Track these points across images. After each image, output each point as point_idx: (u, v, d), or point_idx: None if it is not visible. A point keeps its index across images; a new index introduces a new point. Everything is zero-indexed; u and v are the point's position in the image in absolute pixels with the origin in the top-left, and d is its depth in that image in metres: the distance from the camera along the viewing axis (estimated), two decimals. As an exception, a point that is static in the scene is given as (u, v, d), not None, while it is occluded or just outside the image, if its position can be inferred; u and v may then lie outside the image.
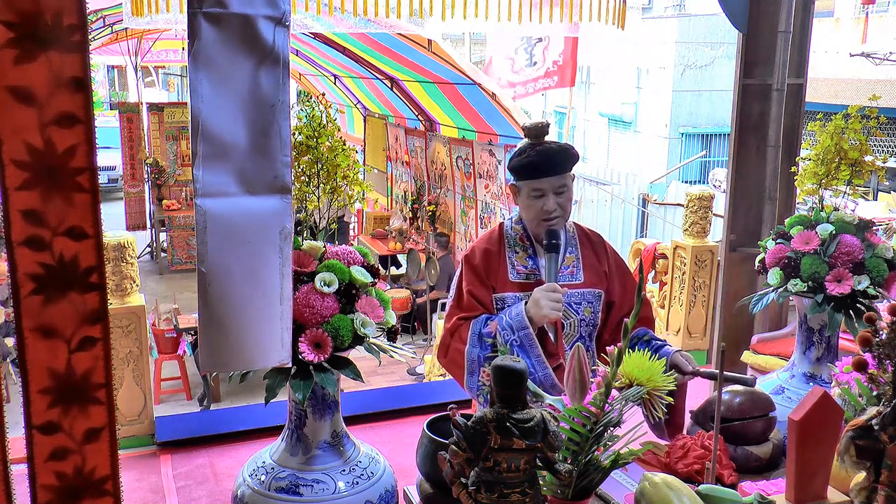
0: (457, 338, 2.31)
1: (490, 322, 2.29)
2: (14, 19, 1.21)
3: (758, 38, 4.01)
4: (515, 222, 2.42)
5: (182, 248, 11.03)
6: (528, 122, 2.33)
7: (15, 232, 1.27)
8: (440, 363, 2.45)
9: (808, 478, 1.58)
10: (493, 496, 1.37)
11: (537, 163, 2.27)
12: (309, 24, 5.00)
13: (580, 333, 2.35)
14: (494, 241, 2.41)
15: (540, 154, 2.27)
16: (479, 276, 2.37)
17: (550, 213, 2.29)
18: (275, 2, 1.59)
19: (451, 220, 9.36)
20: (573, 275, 2.36)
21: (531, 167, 2.28)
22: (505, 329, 2.24)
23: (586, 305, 2.36)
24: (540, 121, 2.32)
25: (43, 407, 1.33)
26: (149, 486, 3.68)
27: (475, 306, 2.35)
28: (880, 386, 1.39)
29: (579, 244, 2.42)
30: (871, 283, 2.26)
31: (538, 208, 2.29)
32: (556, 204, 2.28)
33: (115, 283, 4.12)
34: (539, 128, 2.30)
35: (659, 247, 6.04)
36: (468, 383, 2.31)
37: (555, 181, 2.28)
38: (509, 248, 2.39)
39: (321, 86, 12.44)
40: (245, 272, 1.65)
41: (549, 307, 2.19)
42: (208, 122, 1.58)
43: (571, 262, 2.38)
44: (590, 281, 2.37)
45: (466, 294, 2.36)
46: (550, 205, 2.28)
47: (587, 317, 2.36)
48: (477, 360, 2.28)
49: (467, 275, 2.38)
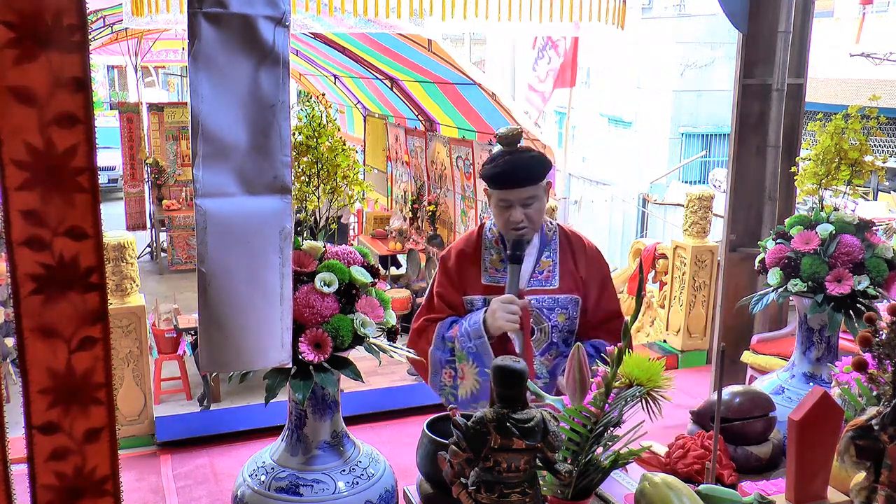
0: (423, 339, 2.36)
1: (454, 326, 2.31)
2: (14, 19, 1.21)
3: (758, 38, 4.01)
4: (493, 224, 2.41)
5: (182, 248, 11.03)
6: (501, 130, 2.30)
7: (15, 232, 1.27)
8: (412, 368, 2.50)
9: (808, 478, 1.58)
10: (493, 496, 1.37)
11: (503, 174, 2.24)
12: (309, 24, 5.00)
13: (552, 340, 2.33)
14: (472, 242, 2.41)
15: (507, 165, 2.24)
16: (451, 278, 2.38)
17: (518, 224, 2.27)
18: (275, 2, 1.59)
19: (451, 220, 9.36)
20: (548, 280, 2.34)
21: (497, 178, 2.26)
22: (463, 336, 2.26)
23: (560, 311, 2.33)
24: (513, 128, 2.29)
25: (43, 407, 1.33)
26: (149, 486, 3.68)
27: (443, 308, 2.37)
28: (880, 386, 1.38)
29: (559, 248, 2.39)
30: (871, 283, 2.26)
31: (505, 218, 2.28)
32: (523, 215, 2.26)
33: (115, 283, 4.12)
34: (511, 135, 2.27)
35: (659, 247, 6.04)
36: (432, 381, 2.36)
37: (522, 193, 2.25)
38: (485, 251, 2.38)
39: (321, 86, 12.44)
40: (245, 272, 1.65)
41: (504, 318, 2.19)
42: (208, 122, 1.58)
43: (547, 267, 2.35)
44: (566, 287, 2.35)
45: (436, 296, 2.39)
46: (517, 216, 2.26)
47: (561, 323, 2.34)
48: (439, 363, 2.31)
49: (440, 276, 2.41)
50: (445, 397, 2.36)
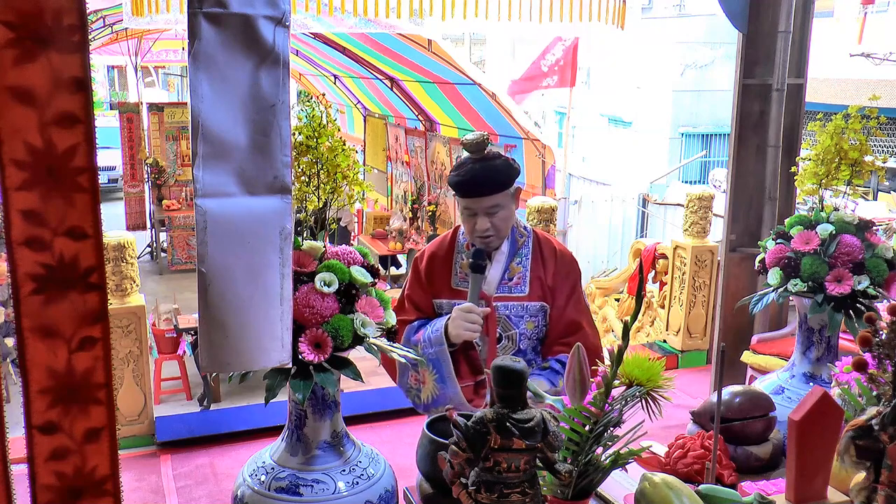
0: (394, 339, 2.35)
1: (420, 330, 2.31)
2: (14, 19, 1.21)
3: (758, 38, 4.01)
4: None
5: (182, 248, 11.03)
6: (467, 136, 2.26)
7: (15, 232, 1.26)
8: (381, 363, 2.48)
9: (808, 478, 1.58)
10: (493, 496, 1.37)
11: (466, 183, 2.21)
12: (309, 24, 5.00)
13: (519, 347, 2.30)
14: (444, 246, 2.40)
15: (470, 173, 2.21)
16: (421, 280, 2.38)
17: (483, 233, 2.24)
18: (275, 2, 1.59)
19: (451, 220, 9.36)
20: (518, 286, 2.31)
21: (460, 186, 2.23)
22: (425, 342, 2.26)
23: (529, 319, 2.30)
24: (480, 133, 2.26)
25: (43, 407, 1.33)
26: (149, 486, 3.68)
27: (412, 310, 2.37)
28: (880, 386, 1.39)
29: (531, 255, 2.35)
30: (871, 283, 2.26)
31: (470, 227, 2.27)
32: (488, 223, 2.23)
33: (115, 283, 4.12)
34: (478, 142, 2.23)
35: (659, 247, 6.04)
36: (399, 382, 2.38)
37: (485, 202, 2.21)
38: (457, 254, 2.37)
39: (321, 86, 12.44)
40: (245, 272, 1.65)
41: (463, 328, 2.17)
42: (208, 122, 1.58)
43: (518, 273, 2.32)
44: (535, 294, 2.31)
45: (406, 298, 2.39)
46: (482, 224, 2.23)
47: (529, 331, 2.31)
48: (404, 365, 2.29)
49: (411, 278, 2.41)
50: (412, 399, 2.38)
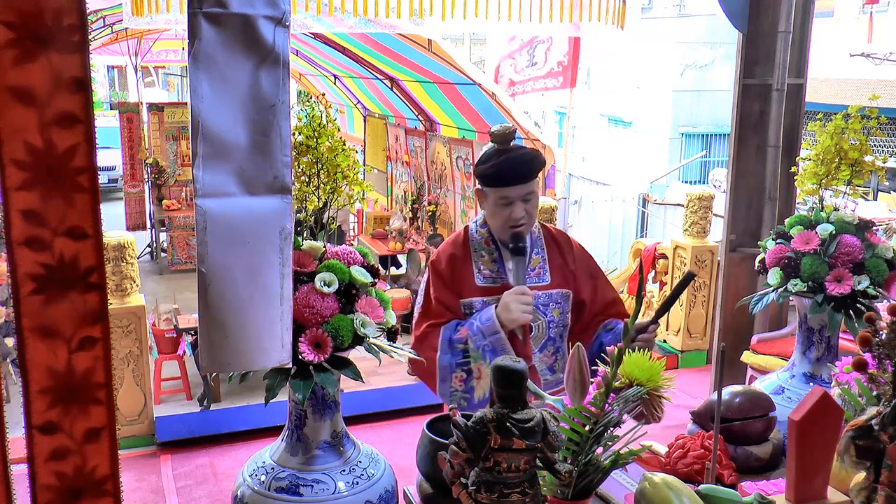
0: (427, 345, 2.31)
1: (460, 328, 2.29)
2: (14, 19, 1.21)
3: (758, 38, 4.01)
4: (480, 226, 2.41)
5: (182, 248, 11.02)
6: (494, 128, 2.30)
7: (15, 232, 1.27)
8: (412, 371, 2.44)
9: (808, 478, 1.58)
10: (493, 496, 1.37)
11: (504, 171, 2.25)
12: (309, 24, 5.00)
13: (548, 335, 2.34)
14: (460, 245, 2.40)
15: (507, 162, 2.25)
16: (445, 281, 2.36)
17: (518, 221, 2.27)
18: (275, 2, 1.59)
19: (451, 220, 9.36)
20: (540, 276, 2.35)
21: (498, 176, 2.26)
22: (476, 334, 2.25)
23: (554, 307, 2.35)
24: (507, 125, 2.29)
25: (43, 407, 1.33)
26: (149, 486, 3.68)
27: (443, 312, 2.34)
28: (880, 386, 1.39)
29: (545, 245, 2.41)
30: (871, 283, 2.26)
31: (506, 216, 2.28)
32: (524, 211, 2.27)
33: (115, 283, 4.13)
34: (506, 133, 2.27)
35: (659, 247, 6.04)
36: (440, 390, 2.31)
37: (522, 189, 2.26)
38: (475, 253, 2.38)
39: (321, 86, 12.44)
40: (245, 272, 1.65)
41: (519, 310, 2.19)
42: (208, 122, 1.58)
43: (538, 264, 2.37)
44: (557, 282, 2.36)
45: (434, 300, 2.36)
46: (518, 212, 2.26)
47: (555, 318, 2.36)
48: (448, 367, 2.28)
49: (434, 281, 2.38)
50: (457, 402, 2.32)
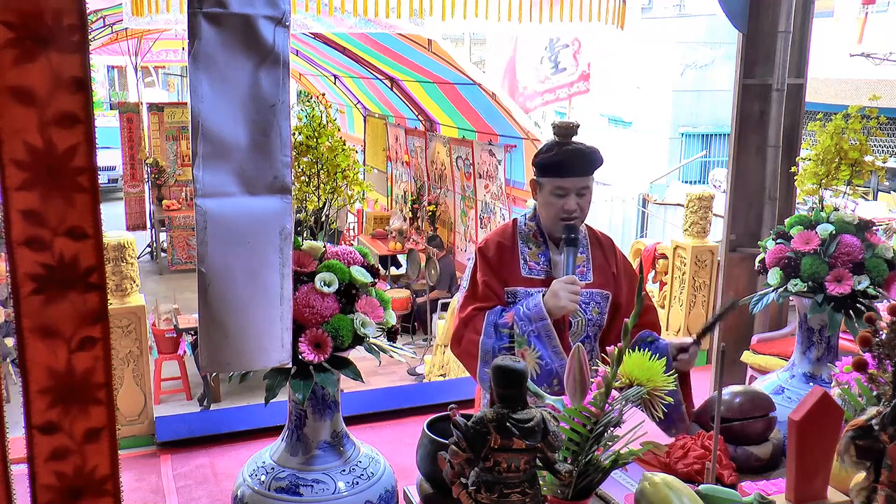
0: (471, 328, 2.32)
1: (506, 313, 2.30)
2: (14, 19, 1.21)
3: (758, 38, 4.01)
4: (529, 219, 2.44)
5: (182, 248, 11.03)
6: (557, 121, 2.36)
7: (15, 232, 1.27)
8: (453, 353, 2.45)
9: (808, 478, 1.58)
10: (493, 496, 1.37)
11: (564, 162, 2.29)
12: (309, 24, 5.00)
13: (587, 333, 2.37)
14: (508, 235, 2.43)
15: (568, 153, 2.29)
16: (493, 267, 2.38)
17: (571, 213, 2.31)
18: (275, 2, 1.59)
19: (451, 220, 9.37)
20: (583, 275, 2.38)
21: (557, 166, 2.29)
22: (522, 320, 2.26)
23: (594, 306, 2.38)
24: (570, 121, 2.34)
25: (43, 407, 1.33)
26: (149, 486, 3.68)
27: (490, 296, 2.36)
28: (880, 386, 1.38)
29: (590, 245, 2.44)
30: (871, 283, 2.26)
31: (559, 207, 2.31)
32: (577, 204, 2.30)
33: (115, 283, 4.12)
34: (568, 127, 2.32)
35: (659, 247, 6.04)
36: (480, 374, 2.31)
37: (578, 182, 2.30)
38: (522, 244, 2.41)
39: (321, 86, 12.44)
40: (245, 272, 1.65)
41: (567, 299, 2.21)
42: (208, 122, 1.58)
43: (582, 262, 2.40)
44: (599, 282, 2.39)
45: (482, 284, 2.37)
46: (571, 204, 2.30)
47: (594, 317, 2.39)
48: (492, 351, 2.28)
49: (482, 265, 2.40)
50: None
